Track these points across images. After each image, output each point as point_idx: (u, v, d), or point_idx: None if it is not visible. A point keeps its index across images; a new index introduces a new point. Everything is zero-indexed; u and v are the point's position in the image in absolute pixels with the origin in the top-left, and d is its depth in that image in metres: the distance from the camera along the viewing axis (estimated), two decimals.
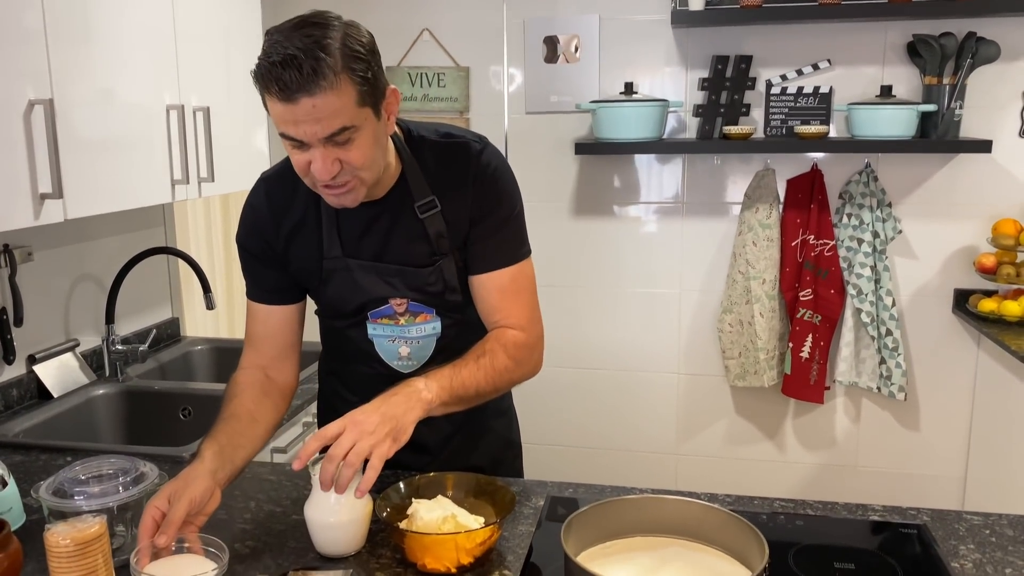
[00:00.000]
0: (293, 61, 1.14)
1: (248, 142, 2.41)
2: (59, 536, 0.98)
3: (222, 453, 1.31)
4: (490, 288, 1.43)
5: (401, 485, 1.35)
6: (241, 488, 1.53)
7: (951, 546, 1.30)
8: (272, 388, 1.48)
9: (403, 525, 1.25)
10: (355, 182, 1.27)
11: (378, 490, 1.36)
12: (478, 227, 1.41)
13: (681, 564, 1.22)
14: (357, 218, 1.40)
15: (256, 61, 1.19)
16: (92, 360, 2.25)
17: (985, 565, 1.24)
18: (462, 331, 1.48)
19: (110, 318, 2.24)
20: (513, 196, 1.44)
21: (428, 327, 1.47)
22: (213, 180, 2.17)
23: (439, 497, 1.32)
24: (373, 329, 1.48)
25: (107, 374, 2.26)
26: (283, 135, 1.22)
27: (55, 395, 2.08)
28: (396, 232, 1.41)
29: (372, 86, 1.21)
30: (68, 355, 2.18)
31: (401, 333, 1.47)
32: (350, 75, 1.17)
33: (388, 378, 1.48)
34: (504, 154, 1.48)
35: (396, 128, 1.39)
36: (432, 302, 1.45)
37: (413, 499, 1.32)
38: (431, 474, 1.40)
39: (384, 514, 1.28)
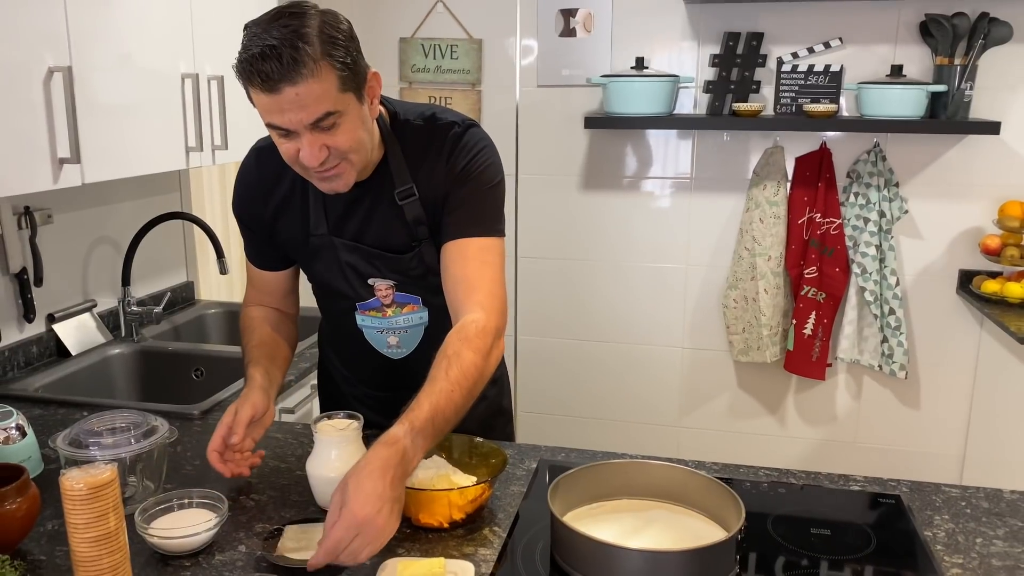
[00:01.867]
0: (273, 52, 1.16)
1: None
2: (73, 481, 1.04)
3: (268, 373, 1.47)
4: (455, 256, 1.38)
5: None
6: None
7: (926, 516, 1.35)
8: (284, 317, 1.63)
9: None
10: (344, 166, 1.30)
11: None
12: (451, 196, 1.39)
13: (663, 525, 1.28)
14: (340, 200, 1.42)
15: (236, 56, 1.21)
16: (109, 320, 2.33)
17: (957, 535, 1.29)
18: (449, 318, 1.44)
19: (126, 280, 2.30)
20: (489, 171, 1.41)
21: (415, 317, 1.51)
22: (227, 148, 2.22)
23: (434, 457, 1.38)
24: (362, 320, 1.53)
25: (123, 334, 2.33)
26: (269, 125, 1.25)
27: (73, 353, 2.16)
28: (375, 216, 1.43)
29: (352, 71, 1.23)
30: (86, 315, 2.25)
31: (389, 324, 1.52)
32: (330, 61, 1.19)
33: (378, 361, 1.57)
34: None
35: (383, 110, 1.41)
36: (416, 285, 1.48)
37: None
38: None
39: None
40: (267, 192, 1.47)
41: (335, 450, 1.32)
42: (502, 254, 1.42)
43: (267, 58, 1.16)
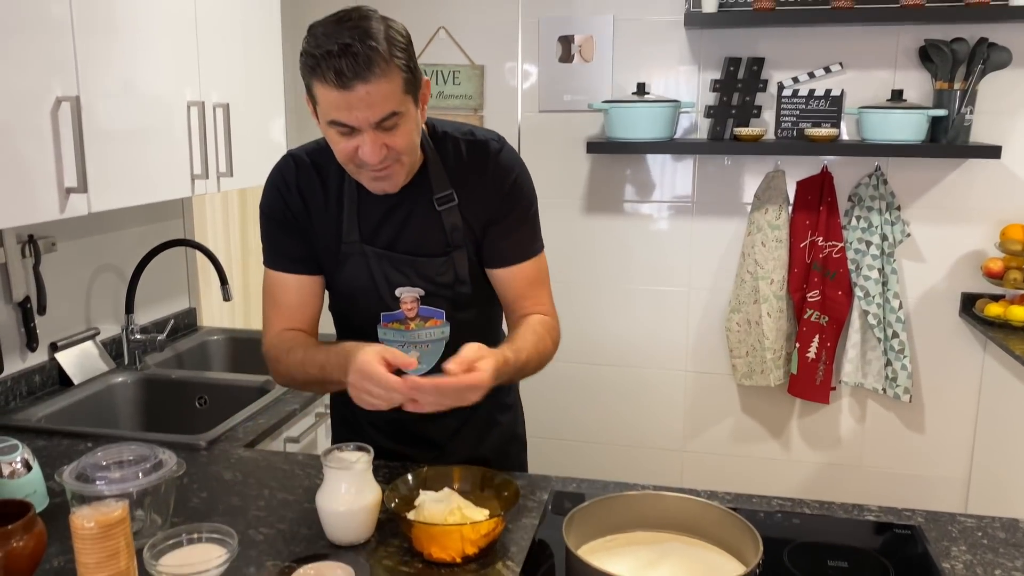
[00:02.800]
0: (348, 49, 1.21)
1: (265, 137, 2.46)
2: (84, 519, 1.03)
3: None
4: (519, 279, 1.51)
5: (409, 477, 1.40)
6: (255, 476, 1.58)
7: (943, 547, 1.34)
8: (311, 337, 1.55)
9: (411, 516, 1.30)
10: (397, 167, 1.35)
11: (387, 481, 1.41)
12: (503, 223, 1.48)
13: (679, 559, 1.26)
14: (377, 206, 1.45)
15: (304, 54, 1.26)
16: (111, 348, 2.31)
17: (975, 566, 1.28)
18: (471, 336, 1.48)
19: (130, 308, 2.29)
20: (532, 193, 1.53)
21: (437, 332, 1.51)
22: (232, 175, 2.22)
23: (446, 489, 1.37)
24: (383, 333, 1.52)
25: (126, 362, 2.32)
26: (333, 122, 1.28)
27: (76, 382, 2.14)
28: (412, 222, 1.46)
29: (413, 75, 1.30)
30: (89, 343, 2.23)
31: (411, 338, 1.51)
32: (397, 63, 1.26)
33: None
34: (517, 151, 1.54)
35: None
36: (442, 296, 1.49)
37: (420, 491, 1.37)
38: (438, 467, 1.44)
39: (392, 504, 1.32)
40: (305, 196, 1.48)
41: (345, 483, 1.30)
42: (546, 266, 1.57)
43: (342, 55, 1.21)
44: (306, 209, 1.48)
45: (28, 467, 1.44)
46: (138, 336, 2.31)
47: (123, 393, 2.22)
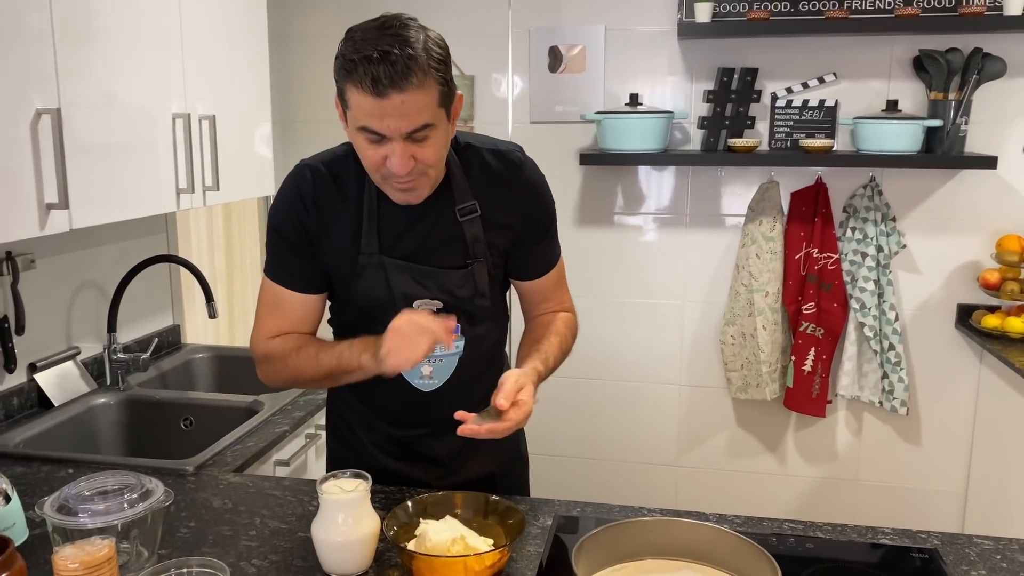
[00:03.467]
0: (387, 57, 1.19)
1: (251, 151, 2.40)
2: (67, 560, 0.96)
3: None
4: (543, 287, 1.57)
5: (409, 504, 1.34)
6: (246, 503, 1.52)
7: (962, 571, 1.29)
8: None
9: (411, 546, 1.24)
10: (423, 179, 1.33)
11: (385, 508, 1.35)
12: (529, 239, 1.49)
13: None
14: (399, 216, 1.42)
15: (341, 57, 1.24)
16: (93, 368, 2.24)
17: None
18: (484, 351, 1.52)
19: (112, 326, 2.22)
20: (553, 204, 1.54)
21: (452, 345, 1.47)
22: (218, 189, 2.16)
23: (447, 517, 1.31)
24: None
25: (108, 383, 2.24)
26: (363, 128, 1.26)
27: (56, 404, 2.06)
28: (435, 233, 1.43)
29: (449, 88, 1.29)
30: (69, 363, 2.16)
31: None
32: (434, 76, 1.24)
33: (406, 394, 1.49)
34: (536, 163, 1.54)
35: None
36: (459, 308, 1.45)
37: (421, 519, 1.31)
38: (439, 493, 1.39)
39: (391, 533, 1.26)
40: (321, 208, 1.42)
41: (342, 513, 1.24)
42: (564, 267, 1.62)
43: (380, 62, 1.19)
44: (323, 223, 1.43)
45: (7, 498, 1.37)
46: (121, 355, 2.23)
47: (105, 415, 2.14)
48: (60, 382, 2.11)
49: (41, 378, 2.07)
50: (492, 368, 1.55)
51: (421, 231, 1.43)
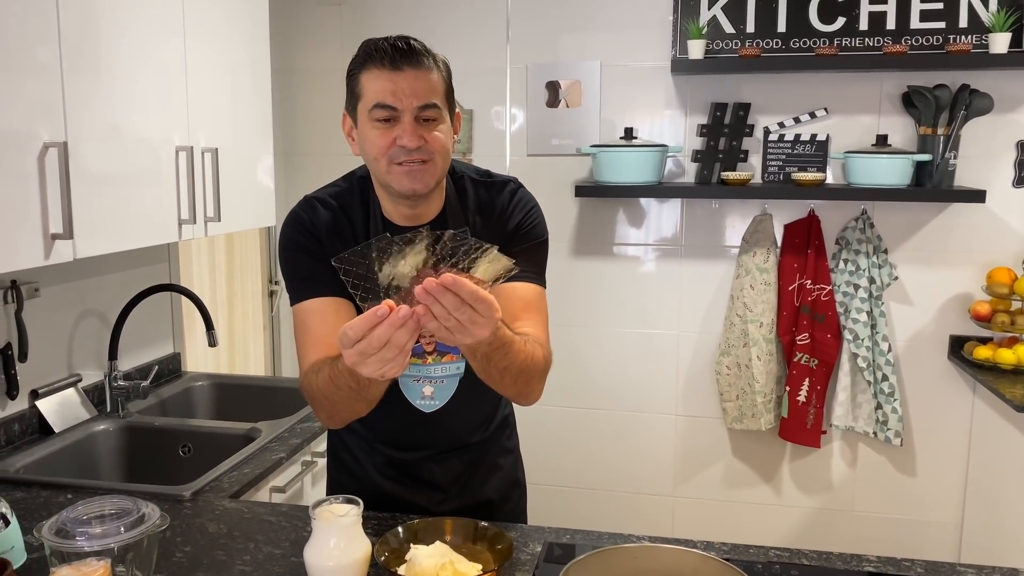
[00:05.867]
0: (404, 41, 1.34)
1: (253, 182, 2.45)
2: None
3: None
4: (516, 297, 1.46)
5: (400, 529, 1.37)
6: (241, 529, 1.54)
7: None
8: None
9: (401, 571, 1.26)
10: (430, 165, 1.37)
11: (376, 534, 1.38)
12: (511, 244, 1.47)
13: None
14: None
15: (356, 56, 1.37)
16: (94, 395, 2.27)
17: None
18: None
19: (113, 354, 2.26)
20: (540, 227, 1.55)
21: (453, 367, 1.50)
22: (219, 219, 2.20)
23: (437, 543, 1.33)
24: None
25: (108, 409, 2.27)
26: (377, 106, 1.33)
27: (56, 430, 2.09)
28: None
29: (452, 93, 1.41)
30: (71, 390, 2.19)
31: (426, 373, 1.50)
32: (442, 72, 1.38)
33: (407, 414, 1.52)
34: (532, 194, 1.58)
35: None
36: None
37: (411, 544, 1.33)
38: (429, 519, 1.41)
39: (382, 558, 1.29)
40: (330, 234, 1.46)
41: (334, 538, 1.26)
42: (546, 304, 1.55)
43: (398, 44, 1.33)
44: (331, 244, 1.43)
45: (6, 522, 1.40)
46: (121, 383, 2.26)
47: (105, 441, 2.17)
48: (61, 409, 2.14)
49: (42, 405, 2.10)
50: (492, 390, 1.57)
51: None
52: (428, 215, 1.46)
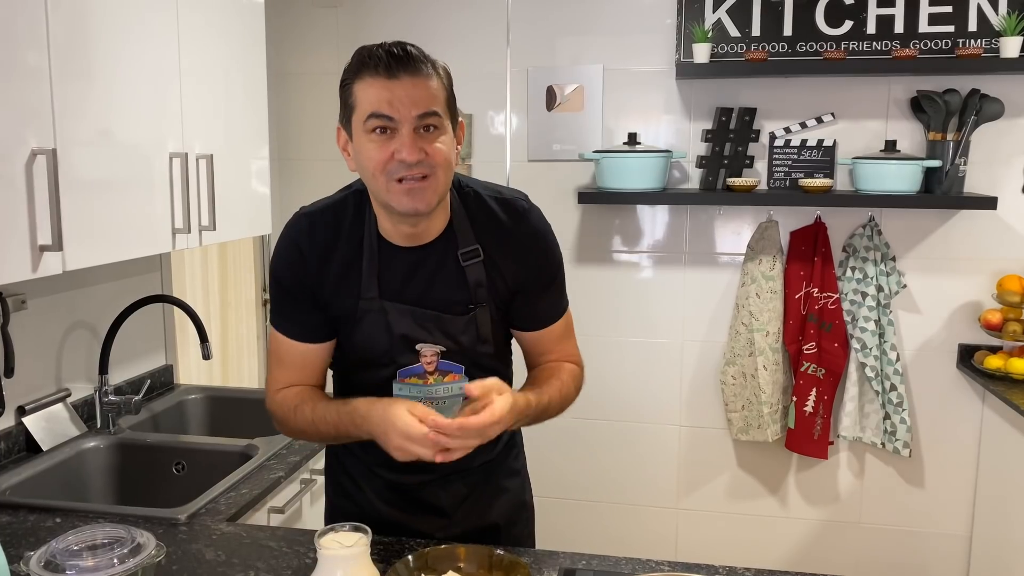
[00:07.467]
0: (400, 47, 1.26)
1: (249, 189, 2.38)
2: None
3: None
4: (547, 338, 1.51)
5: (410, 558, 1.30)
6: (240, 555, 1.47)
7: None
8: (319, 391, 1.51)
9: None
10: (432, 180, 1.29)
11: (383, 561, 1.31)
12: (534, 289, 1.46)
13: None
14: (400, 260, 1.40)
15: (347, 69, 1.29)
16: (83, 411, 2.19)
17: None
18: None
19: (104, 368, 2.17)
20: (560, 254, 1.51)
21: (455, 387, 1.44)
22: (214, 228, 2.13)
23: (450, 572, 1.27)
24: (399, 389, 1.44)
25: (98, 426, 2.19)
26: (373, 116, 1.26)
27: (44, 448, 2.01)
28: (438, 278, 1.41)
29: (453, 102, 1.33)
30: (59, 406, 2.11)
31: (428, 393, 1.44)
32: (442, 78, 1.30)
33: None
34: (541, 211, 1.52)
35: None
36: (463, 354, 1.43)
37: (423, 573, 1.27)
38: (442, 546, 1.35)
39: None
40: (321, 257, 1.40)
41: (340, 570, 1.20)
42: (571, 319, 1.56)
43: (393, 50, 1.25)
44: (322, 271, 1.40)
45: None
46: (112, 397, 2.18)
47: (95, 460, 2.09)
48: (49, 425, 2.06)
49: (29, 421, 2.01)
50: None
51: (423, 275, 1.41)
52: (431, 233, 1.40)
